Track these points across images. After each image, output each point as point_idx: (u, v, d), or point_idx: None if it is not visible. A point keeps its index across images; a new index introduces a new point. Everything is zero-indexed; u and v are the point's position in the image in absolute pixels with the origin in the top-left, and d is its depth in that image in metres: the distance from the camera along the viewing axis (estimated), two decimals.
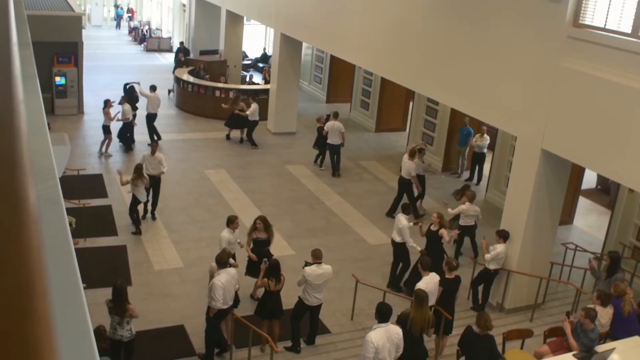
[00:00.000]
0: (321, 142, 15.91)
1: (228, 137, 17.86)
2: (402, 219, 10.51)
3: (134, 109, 16.88)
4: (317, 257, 8.77)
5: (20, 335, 0.62)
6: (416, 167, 13.21)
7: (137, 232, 12.03)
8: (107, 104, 15.70)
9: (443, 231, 10.28)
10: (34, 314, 0.66)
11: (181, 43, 25.87)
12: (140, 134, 16.84)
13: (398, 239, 10.56)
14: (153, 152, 12.52)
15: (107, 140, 15.94)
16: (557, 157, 9.08)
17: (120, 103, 16.01)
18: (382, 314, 7.20)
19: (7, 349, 0.60)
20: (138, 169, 11.87)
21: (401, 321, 7.72)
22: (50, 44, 17.75)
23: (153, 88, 16.87)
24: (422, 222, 11.48)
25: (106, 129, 15.79)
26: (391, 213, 13.42)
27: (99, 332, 7.77)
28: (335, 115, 15.54)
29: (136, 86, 17.59)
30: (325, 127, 15.54)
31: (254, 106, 17.20)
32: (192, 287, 10.34)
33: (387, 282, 10.81)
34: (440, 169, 16.71)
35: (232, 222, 9.61)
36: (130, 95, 17.22)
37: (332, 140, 15.52)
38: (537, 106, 9.12)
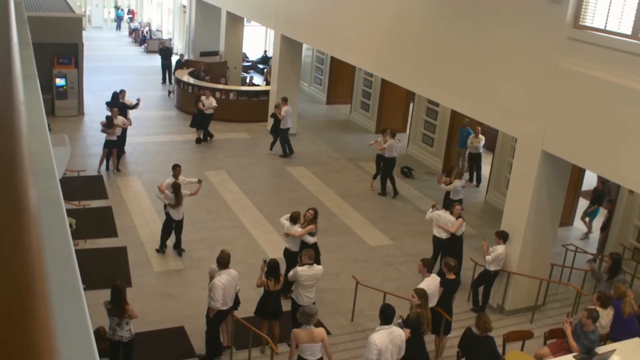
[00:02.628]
0: (277, 127, 16.77)
1: (199, 140, 17.39)
2: (433, 214, 10.85)
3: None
4: (310, 258, 8.79)
5: (21, 336, 0.62)
6: (392, 147, 14.53)
7: (162, 250, 11.42)
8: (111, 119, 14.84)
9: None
10: (34, 315, 0.66)
11: (162, 43, 25.48)
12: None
13: (444, 235, 10.69)
14: (176, 177, 11.29)
15: (111, 155, 15.09)
16: (558, 158, 9.07)
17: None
18: (385, 315, 7.17)
19: (7, 350, 0.60)
20: (177, 189, 10.98)
21: (411, 324, 7.65)
22: (51, 45, 17.76)
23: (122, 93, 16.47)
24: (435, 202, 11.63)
25: (110, 144, 14.93)
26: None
27: (99, 333, 7.77)
28: (286, 101, 16.64)
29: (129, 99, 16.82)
30: (282, 113, 16.34)
31: (212, 99, 17.61)
32: (192, 289, 10.33)
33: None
34: (440, 170, 16.69)
35: (299, 218, 9.98)
36: (117, 104, 16.19)
37: (285, 124, 16.55)
38: (537, 107, 9.12)
